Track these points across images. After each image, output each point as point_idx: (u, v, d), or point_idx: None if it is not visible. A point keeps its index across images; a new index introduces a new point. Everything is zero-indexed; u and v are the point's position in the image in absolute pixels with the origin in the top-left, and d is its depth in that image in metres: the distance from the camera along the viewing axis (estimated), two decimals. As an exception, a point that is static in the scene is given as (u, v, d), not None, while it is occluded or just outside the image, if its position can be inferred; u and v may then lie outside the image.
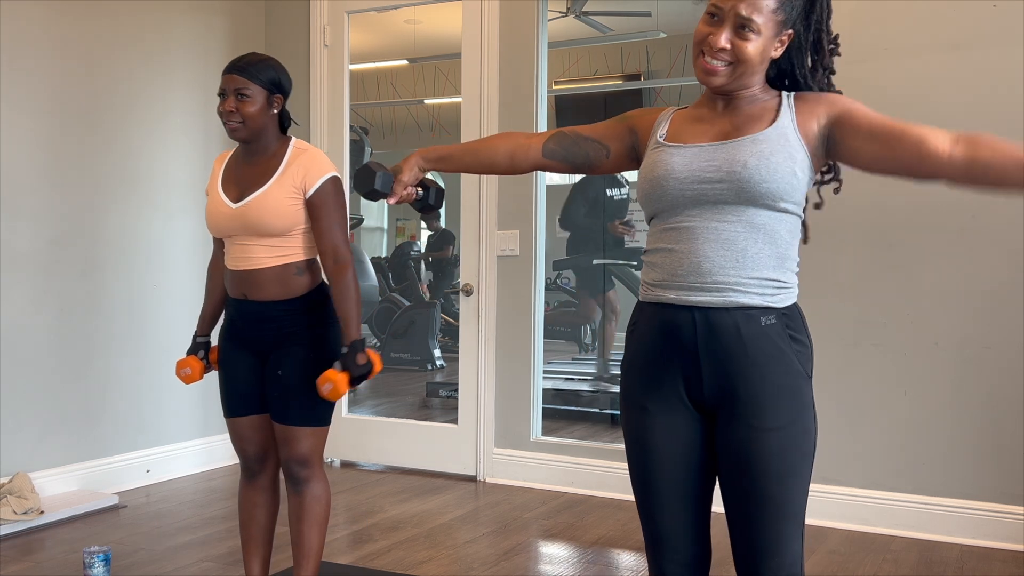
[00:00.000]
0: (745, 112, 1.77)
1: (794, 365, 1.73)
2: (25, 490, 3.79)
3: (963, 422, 3.68)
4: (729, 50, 1.71)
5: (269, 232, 2.57)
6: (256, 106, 2.58)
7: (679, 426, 1.78)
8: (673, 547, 1.81)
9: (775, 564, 1.73)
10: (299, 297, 2.62)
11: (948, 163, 1.63)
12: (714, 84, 1.75)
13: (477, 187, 4.60)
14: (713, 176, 1.71)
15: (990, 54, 3.63)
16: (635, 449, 1.83)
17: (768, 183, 1.68)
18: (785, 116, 1.74)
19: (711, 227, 1.72)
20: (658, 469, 1.79)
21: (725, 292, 1.71)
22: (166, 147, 4.60)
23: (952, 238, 3.67)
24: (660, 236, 1.79)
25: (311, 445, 2.65)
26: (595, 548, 3.62)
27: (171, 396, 4.65)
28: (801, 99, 1.78)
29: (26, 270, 4.02)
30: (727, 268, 1.71)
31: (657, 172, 1.77)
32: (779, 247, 1.73)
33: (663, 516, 1.81)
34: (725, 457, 1.76)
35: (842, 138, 1.73)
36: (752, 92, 1.78)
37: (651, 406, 1.79)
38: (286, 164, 2.60)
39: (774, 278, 1.73)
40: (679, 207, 1.75)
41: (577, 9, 7.01)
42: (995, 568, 3.39)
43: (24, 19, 4.01)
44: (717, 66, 1.72)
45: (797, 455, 1.73)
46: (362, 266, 7.60)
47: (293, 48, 5.01)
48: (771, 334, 1.71)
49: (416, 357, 8.17)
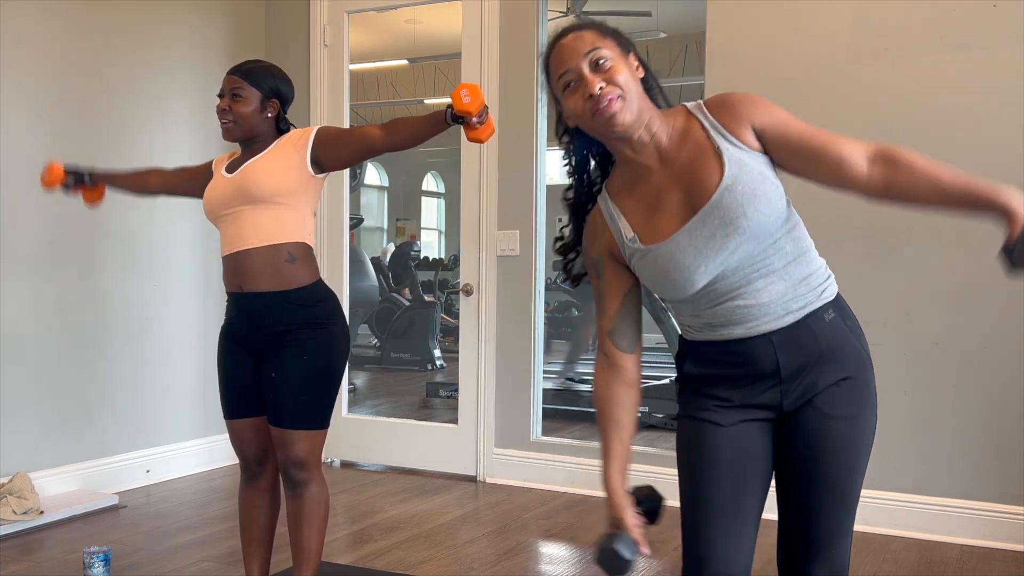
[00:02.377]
0: (682, 160, 1.70)
1: (861, 352, 1.74)
2: (25, 490, 3.79)
3: (963, 422, 3.68)
4: (606, 87, 1.66)
5: (260, 192, 2.56)
6: (249, 107, 2.63)
7: (754, 442, 1.74)
8: (719, 564, 1.73)
9: (830, 555, 1.73)
10: (294, 291, 2.61)
11: (866, 184, 1.64)
12: (626, 120, 1.66)
13: (477, 187, 4.60)
14: (728, 241, 1.64)
15: (990, 54, 3.63)
16: (697, 464, 1.75)
17: (770, 209, 1.65)
18: (724, 143, 1.67)
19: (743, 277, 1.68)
20: (721, 483, 1.72)
21: (788, 307, 1.69)
22: (166, 147, 4.60)
23: (952, 238, 3.67)
24: (690, 305, 1.73)
25: (308, 448, 2.64)
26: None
27: (171, 396, 4.66)
28: (717, 112, 1.71)
29: (26, 270, 4.03)
30: (776, 288, 1.68)
31: (673, 277, 1.69)
32: (798, 244, 1.72)
33: (716, 532, 1.72)
34: (796, 446, 1.73)
35: (767, 148, 1.70)
36: (652, 126, 1.70)
37: (725, 422, 1.73)
38: (276, 143, 2.67)
39: (810, 272, 1.72)
40: (711, 278, 1.68)
41: (577, 9, 7.01)
42: (995, 568, 3.39)
43: (24, 19, 4.01)
44: (612, 100, 1.65)
45: (860, 447, 1.73)
46: (362, 266, 7.60)
47: (293, 48, 5.01)
48: (836, 327, 1.72)
49: (416, 357, 8.18)
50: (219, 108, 2.66)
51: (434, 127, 2.45)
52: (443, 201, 15.59)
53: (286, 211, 2.60)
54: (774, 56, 3.91)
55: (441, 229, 15.59)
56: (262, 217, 2.58)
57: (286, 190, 2.59)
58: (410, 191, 14.88)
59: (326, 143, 2.61)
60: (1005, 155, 3.56)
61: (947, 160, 1.69)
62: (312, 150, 2.60)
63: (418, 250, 10.18)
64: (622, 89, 1.67)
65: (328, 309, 2.67)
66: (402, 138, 2.54)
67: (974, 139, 3.61)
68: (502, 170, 4.54)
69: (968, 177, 1.60)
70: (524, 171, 4.50)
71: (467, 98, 2.30)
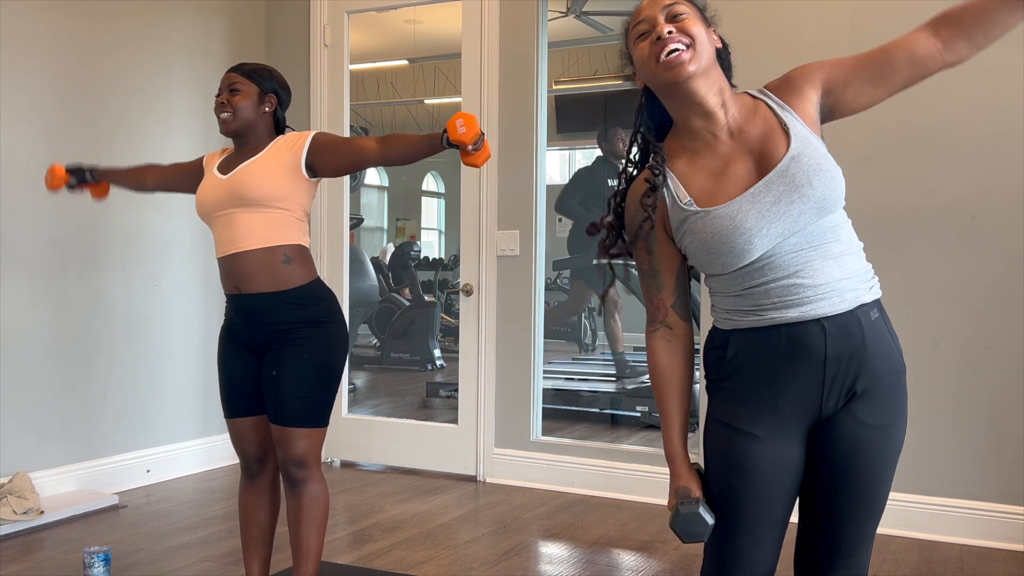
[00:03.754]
0: (752, 134, 1.68)
1: (899, 360, 1.72)
2: (25, 490, 3.79)
3: (963, 422, 3.68)
4: (675, 33, 1.63)
5: (254, 196, 2.57)
6: (246, 100, 2.67)
7: (789, 453, 1.70)
8: (745, 571, 1.72)
9: (852, 563, 1.73)
10: (292, 290, 2.61)
11: (945, 50, 1.67)
12: (687, 72, 1.62)
13: (477, 187, 4.60)
14: (792, 208, 1.62)
15: (990, 54, 3.61)
16: (730, 475, 1.72)
17: (835, 184, 1.64)
18: (791, 119, 1.67)
19: (803, 255, 1.65)
20: (755, 496, 1.70)
21: (844, 293, 1.66)
22: (166, 147, 4.60)
23: (952, 238, 3.67)
24: (742, 279, 1.68)
25: (308, 446, 2.64)
26: (595, 548, 3.62)
27: (171, 396, 4.66)
28: (779, 91, 1.72)
29: (26, 270, 4.03)
30: (833, 272, 1.65)
31: (737, 243, 1.63)
32: (852, 238, 1.71)
33: (746, 541, 1.71)
34: (829, 455, 1.70)
35: (836, 103, 1.70)
36: (724, 95, 1.69)
37: (761, 432, 1.69)
38: (271, 145, 2.68)
39: (862, 267, 1.71)
40: (770, 249, 1.65)
41: (577, 9, 7.01)
42: (995, 568, 3.39)
43: (24, 19, 4.01)
44: (679, 52, 1.62)
45: (893, 457, 1.72)
46: (362, 266, 7.59)
47: (293, 48, 5.01)
48: (879, 328, 1.70)
49: (416, 357, 8.17)
50: (218, 102, 2.69)
51: (429, 149, 2.47)
52: (443, 201, 15.58)
53: (280, 214, 2.60)
54: (774, 56, 3.90)
55: (441, 229, 15.58)
56: (256, 220, 2.59)
57: (280, 195, 2.59)
58: (410, 191, 14.87)
59: (322, 150, 2.62)
60: (1005, 155, 3.56)
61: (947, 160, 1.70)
62: (307, 156, 2.61)
63: (418, 250, 10.15)
64: (692, 38, 1.64)
65: (327, 308, 2.68)
66: (397, 155, 2.57)
67: (974, 139, 3.61)
68: (502, 170, 4.54)
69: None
70: (524, 171, 4.50)
71: (462, 128, 2.31)
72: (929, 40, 1.65)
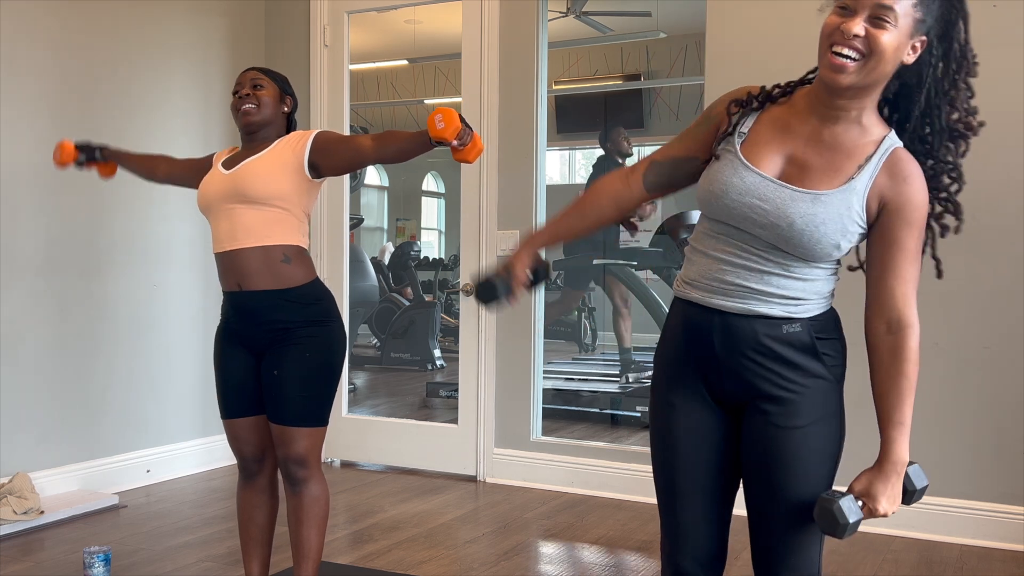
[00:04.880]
0: (834, 145, 1.67)
1: (817, 369, 1.71)
2: (25, 490, 3.79)
3: (963, 422, 3.68)
4: (863, 38, 1.58)
5: (255, 193, 2.57)
6: (270, 96, 2.71)
7: (702, 423, 1.78)
8: (692, 543, 1.79)
9: (791, 565, 1.73)
10: (292, 289, 2.61)
11: (876, 323, 1.71)
12: (842, 83, 1.60)
13: (477, 187, 4.60)
14: (759, 219, 1.66)
15: (990, 54, 3.61)
16: (659, 443, 1.83)
17: (806, 248, 1.66)
18: (866, 175, 1.65)
19: (747, 249, 1.70)
20: (680, 464, 1.79)
21: (747, 300, 1.70)
22: (166, 147, 4.58)
23: (952, 239, 3.66)
24: (703, 237, 1.78)
25: (308, 445, 2.64)
26: (595, 548, 3.62)
27: (171, 396, 4.66)
28: (894, 162, 1.66)
29: (26, 270, 4.03)
30: (751, 282, 1.70)
31: (715, 188, 1.72)
32: (814, 288, 1.72)
33: (684, 511, 1.79)
34: (748, 455, 1.75)
35: (871, 217, 1.69)
36: (859, 113, 1.67)
37: (676, 400, 1.80)
38: (275, 144, 2.69)
39: (800, 298, 1.71)
40: (727, 219, 1.71)
41: (577, 9, 7.01)
42: (995, 568, 3.39)
43: (24, 19, 4.01)
44: (847, 62, 1.58)
45: (814, 458, 1.71)
46: (362, 266, 7.60)
47: (293, 48, 5.01)
48: (793, 340, 1.70)
49: (416, 357, 8.17)
50: (240, 95, 2.69)
51: (419, 147, 2.48)
52: (443, 201, 15.58)
53: (280, 214, 2.61)
54: (774, 56, 3.90)
55: (441, 229, 15.58)
56: (255, 218, 2.59)
57: (281, 194, 2.59)
58: (410, 191, 14.87)
59: (323, 149, 2.62)
60: (1005, 155, 3.56)
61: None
62: (310, 155, 2.61)
63: (418, 250, 10.15)
64: (871, 54, 1.59)
65: (326, 308, 2.68)
66: (390, 153, 2.57)
67: (973, 139, 3.61)
68: (502, 170, 4.54)
69: (906, 417, 1.67)
70: (524, 171, 4.50)
71: (440, 124, 2.30)
72: (899, 310, 1.75)
